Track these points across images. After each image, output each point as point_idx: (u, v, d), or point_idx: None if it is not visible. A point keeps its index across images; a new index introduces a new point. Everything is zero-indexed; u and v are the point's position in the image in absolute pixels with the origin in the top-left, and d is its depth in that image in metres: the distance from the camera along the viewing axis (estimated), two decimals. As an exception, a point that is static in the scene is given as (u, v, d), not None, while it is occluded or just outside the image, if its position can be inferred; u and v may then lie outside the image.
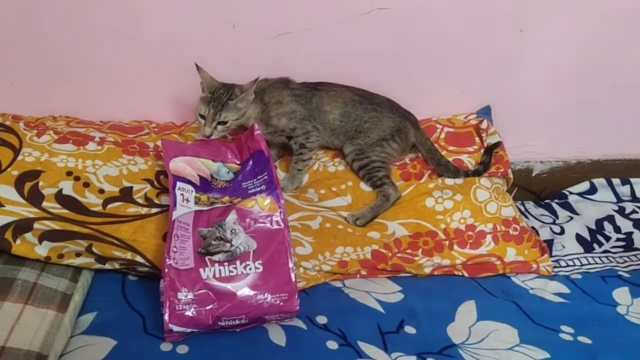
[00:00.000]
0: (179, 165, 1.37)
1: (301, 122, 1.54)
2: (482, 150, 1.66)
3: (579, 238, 1.69)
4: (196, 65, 1.45)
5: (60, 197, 1.33)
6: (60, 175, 1.36)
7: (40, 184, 1.33)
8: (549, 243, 1.64)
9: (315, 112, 1.56)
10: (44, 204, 1.31)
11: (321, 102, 1.57)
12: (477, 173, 1.61)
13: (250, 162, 1.42)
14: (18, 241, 1.27)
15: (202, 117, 1.45)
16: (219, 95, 1.44)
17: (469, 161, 1.65)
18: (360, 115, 1.57)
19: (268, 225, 1.30)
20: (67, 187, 1.34)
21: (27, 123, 1.53)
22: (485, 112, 1.77)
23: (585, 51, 1.73)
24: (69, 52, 1.56)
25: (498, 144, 1.65)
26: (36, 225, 1.28)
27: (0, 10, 1.47)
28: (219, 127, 1.45)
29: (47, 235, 1.28)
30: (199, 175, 1.38)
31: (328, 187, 1.57)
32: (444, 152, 1.64)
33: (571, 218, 1.77)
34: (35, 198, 1.31)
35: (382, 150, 1.57)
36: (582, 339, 1.30)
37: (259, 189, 1.35)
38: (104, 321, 1.25)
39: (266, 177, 1.37)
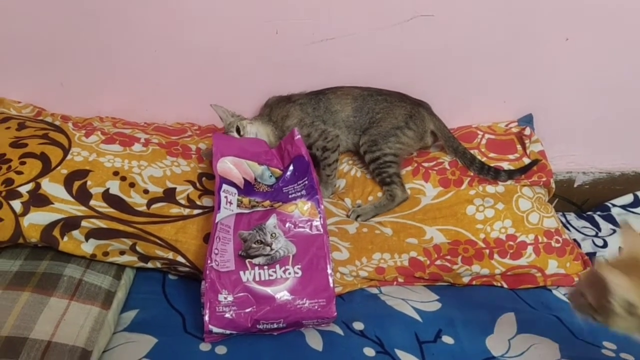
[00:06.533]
0: (226, 166, 1.39)
1: (312, 126, 1.55)
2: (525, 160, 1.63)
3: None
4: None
5: (107, 197, 1.36)
6: (107, 175, 1.39)
7: (89, 183, 1.36)
8: (591, 256, 1.61)
9: (326, 114, 1.57)
10: (92, 202, 1.34)
11: (329, 103, 1.58)
12: (497, 173, 1.56)
13: (291, 167, 1.43)
14: (65, 238, 1.30)
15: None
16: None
17: (510, 169, 1.62)
18: (372, 107, 1.58)
19: (308, 230, 1.31)
20: (114, 187, 1.37)
21: (75, 123, 1.57)
22: (527, 121, 1.75)
23: (631, 60, 1.68)
24: (117, 55, 1.60)
25: (537, 162, 1.60)
26: (83, 223, 1.31)
27: (52, 13, 1.52)
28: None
29: (94, 233, 1.31)
30: (243, 178, 1.40)
31: (364, 194, 1.56)
32: (484, 159, 1.61)
33: (614, 231, 1.73)
34: (83, 196, 1.34)
35: (396, 140, 1.55)
36: (625, 356, 1.27)
37: (299, 193, 1.36)
38: (145, 319, 1.28)
39: (306, 182, 1.38)
